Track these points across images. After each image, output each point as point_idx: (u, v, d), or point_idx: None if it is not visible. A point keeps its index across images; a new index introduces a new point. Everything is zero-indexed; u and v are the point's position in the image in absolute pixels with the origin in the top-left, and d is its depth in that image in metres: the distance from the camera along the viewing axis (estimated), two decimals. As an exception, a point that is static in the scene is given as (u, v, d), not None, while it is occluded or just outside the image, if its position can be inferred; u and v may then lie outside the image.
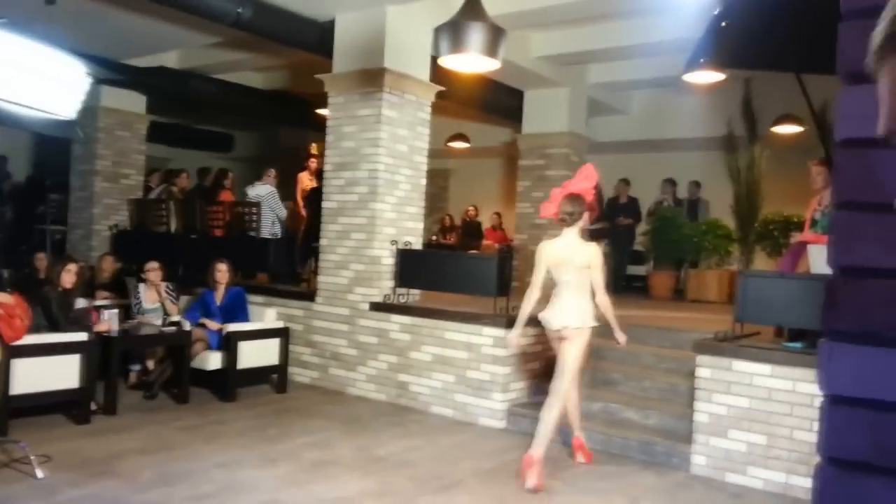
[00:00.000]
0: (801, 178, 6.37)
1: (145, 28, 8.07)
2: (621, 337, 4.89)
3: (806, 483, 4.36)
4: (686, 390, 5.54)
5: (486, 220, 13.35)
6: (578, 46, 8.49)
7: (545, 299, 4.76)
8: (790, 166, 9.64)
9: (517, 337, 4.90)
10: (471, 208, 13.11)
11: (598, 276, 4.61)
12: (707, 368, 5.06)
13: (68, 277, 5.79)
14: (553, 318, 4.65)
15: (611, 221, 10.76)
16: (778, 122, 9.25)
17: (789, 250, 6.12)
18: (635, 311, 7.38)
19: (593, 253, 4.61)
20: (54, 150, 10.91)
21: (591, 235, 10.65)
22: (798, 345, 4.89)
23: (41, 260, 7.66)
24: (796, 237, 6.12)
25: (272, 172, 8.76)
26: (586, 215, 4.71)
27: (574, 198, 4.69)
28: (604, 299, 4.66)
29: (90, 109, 9.33)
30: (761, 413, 4.79)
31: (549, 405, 4.60)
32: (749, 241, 9.81)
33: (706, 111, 9.87)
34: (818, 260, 4.97)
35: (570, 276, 4.61)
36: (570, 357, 4.61)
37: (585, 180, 4.84)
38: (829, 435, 1.09)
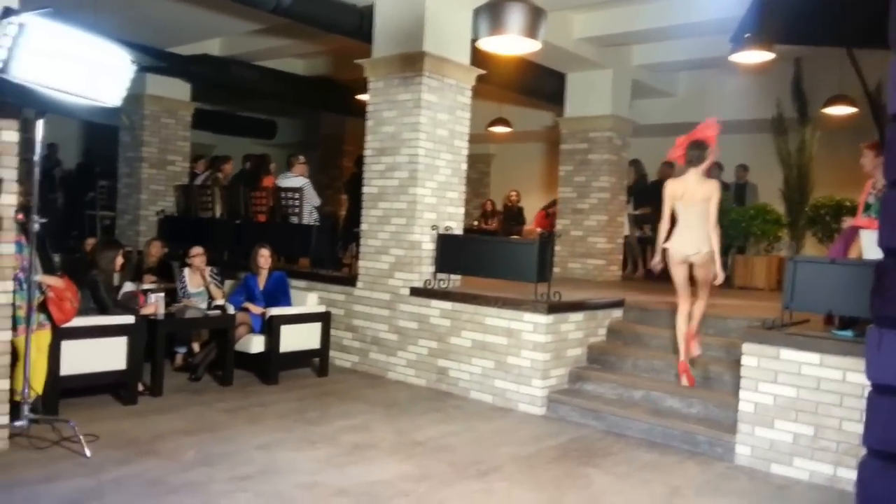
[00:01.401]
0: (853, 161, 6.14)
1: (188, 16, 8.17)
2: (720, 273, 5.53)
3: (854, 476, 4.23)
4: (731, 379, 5.42)
5: (532, 206, 13.24)
6: (621, 27, 8.33)
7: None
8: (842, 149, 9.34)
9: (658, 263, 5.77)
10: (512, 193, 13.03)
11: (714, 208, 5.40)
12: (754, 357, 4.94)
13: (116, 261, 5.91)
14: (682, 245, 5.52)
15: (656, 206, 10.58)
16: (830, 102, 8.95)
17: (841, 235, 5.92)
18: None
19: (713, 188, 5.46)
20: (103, 137, 11.16)
21: (636, 221, 10.55)
22: (849, 333, 4.74)
23: (91, 245, 7.84)
24: (848, 222, 5.91)
25: (301, 159, 8.73)
26: (709, 157, 5.55)
27: (698, 143, 5.53)
28: (714, 230, 5.42)
29: (136, 97, 9.52)
30: (809, 403, 4.66)
31: (697, 307, 5.68)
32: (799, 226, 9.56)
33: (754, 92, 9.61)
34: (871, 245, 4.81)
35: (692, 208, 5.46)
36: (706, 278, 5.59)
37: (708, 129, 5.63)
38: (875, 426, 1.03)
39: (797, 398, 4.71)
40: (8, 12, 3.73)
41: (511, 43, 5.34)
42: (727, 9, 6.27)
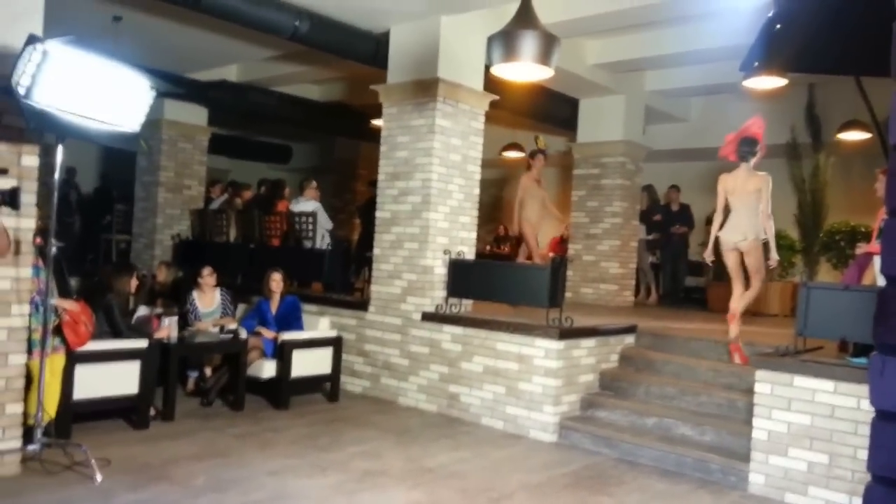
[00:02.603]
0: (868, 187, 6.14)
1: (207, 43, 8.31)
2: (774, 255, 6.05)
3: (872, 506, 4.16)
4: (744, 406, 5.37)
5: (544, 231, 13.21)
6: (634, 53, 8.37)
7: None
8: (857, 174, 9.32)
9: (710, 254, 6.32)
10: (525, 218, 13.01)
11: (765, 198, 5.89)
12: (767, 384, 4.90)
13: (130, 285, 5.97)
14: (731, 234, 5.97)
15: (664, 230, 10.56)
16: (843, 128, 8.94)
17: (855, 262, 5.89)
18: (693, 324, 7.21)
19: (763, 180, 5.92)
20: (120, 161, 11.31)
21: (648, 246, 10.53)
22: (863, 360, 4.68)
23: (106, 269, 7.93)
24: (863, 248, 5.89)
25: (313, 184, 8.80)
26: (760, 152, 6.03)
27: (748, 139, 6.02)
28: (768, 220, 5.93)
29: (154, 122, 9.66)
30: (823, 431, 4.60)
31: (748, 292, 6.09)
32: (813, 251, 9.51)
33: (768, 117, 9.44)
34: (885, 272, 4.76)
35: (743, 199, 5.92)
36: (756, 265, 5.98)
37: (754, 126, 6.12)
38: (879, 452, 1.03)
39: (811, 426, 4.66)
40: (33, 39, 3.82)
41: (525, 70, 5.39)
42: (739, 35, 6.29)
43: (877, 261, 5.04)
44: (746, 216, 5.92)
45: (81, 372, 5.13)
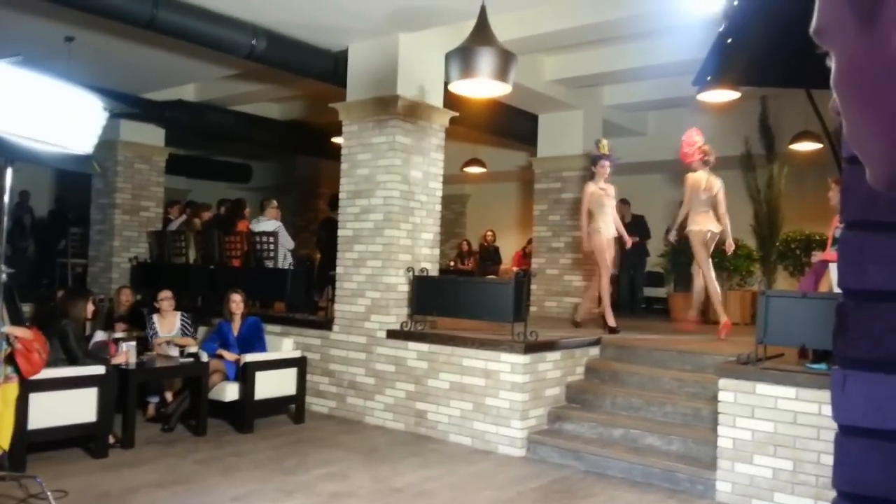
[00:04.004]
0: (821, 196, 6.27)
1: (162, 62, 8.20)
2: (731, 242, 7.26)
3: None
4: (709, 415, 5.42)
5: (507, 245, 13.31)
6: (591, 69, 8.49)
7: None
8: (810, 184, 9.52)
9: (674, 234, 7.74)
10: (488, 233, 13.09)
11: (722, 197, 7.13)
12: (730, 392, 4.96)
13: (86, 310, 5.82)
14: (704, 226, 7.08)
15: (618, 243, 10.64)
16: (796, 139, 9.15)
17: (812, 270, 6.01)
18: (655, 334, 7.27)
19: (720, 182, 7.15)
20: (75, 184, 11.08)
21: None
22: (823, 366, 4.77)
23: (61, 294, 7.73)
24: (818, 256, 6.01)
25: (274, 203, 8.74)
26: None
27: (708, 148, 7.25)
28: (724, 215, 7.14)
29: (109, 143, 9.49)
30: (787, 437, 4.67)
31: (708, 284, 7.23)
32: (771, 260, 9.69)
33: (723, 130, 9.77)
34: (841, 279, 4.86)
35: (705, 196, 7.09)
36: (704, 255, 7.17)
37: (696, 135, 7.35)
38: (843, 468, 1.03)
39: (775, 433, 4.72)
40: (-24, 62, 3.72)
41: (482, 86, 5.42)
42: (693, 50, 6.42)
43: (832, 268, 5.15)
44: (709, 211, 7.16)
45: (36, 400, 4.97)
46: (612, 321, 7.40)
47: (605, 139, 7.98)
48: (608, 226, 7.48)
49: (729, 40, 1.98)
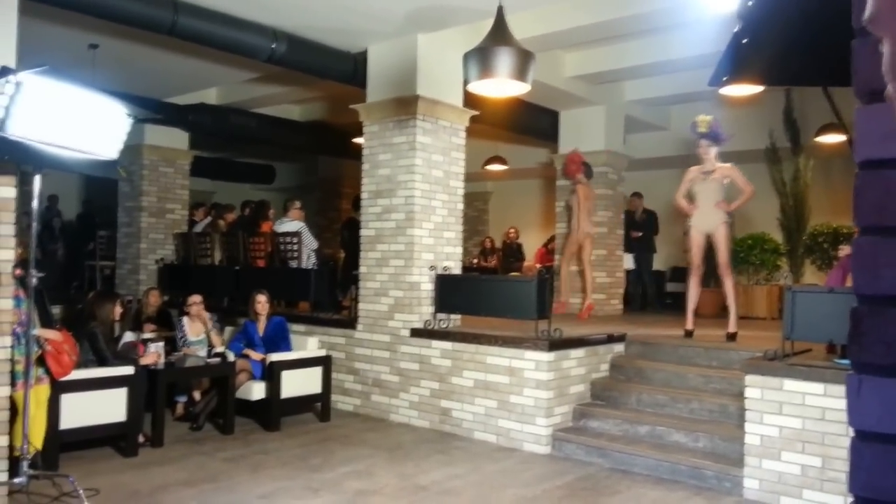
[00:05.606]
0: (849, 188, 6.16)
1: (184, 67, 8.30)
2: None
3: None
4: (736, 411, 5.37)
5: (530, 242, 13.28)
6: (611, 65, 8.43)
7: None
8: (837, 176, 9.40)
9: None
10: (511, 230, 13.07)
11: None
12: (757, 388, 4.90)
13: (114, 312, 5.91)
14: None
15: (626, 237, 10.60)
16: (821, 131, 9.03)
17: (839, 264, 5.93)
18: (680, 329, 7.21)
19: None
20: (103, 187, 11.25)
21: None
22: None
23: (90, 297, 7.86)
24: (845, 250, 5.92)
25: (297, 204, 8.81)
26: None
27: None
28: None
29: (134, 148, 9.62)
30: (815, 434, 4.61)
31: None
32: (797, 254, 9.57)
33: (746, 123, 9.68)
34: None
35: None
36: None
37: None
38: (859, 473, 1.02)
39: (803, 429, 4.67)
40: (5, 71, 3.79)
41: (501, 86, 5.41)
42: (714, 43, 6.37)
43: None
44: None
45: (67, 401, 5.07)
46: (690, 324, 7.00)
47: (705, 115, 6.92)
48: (699, 218, 6.82)
49: (744, 40, 1.97)
